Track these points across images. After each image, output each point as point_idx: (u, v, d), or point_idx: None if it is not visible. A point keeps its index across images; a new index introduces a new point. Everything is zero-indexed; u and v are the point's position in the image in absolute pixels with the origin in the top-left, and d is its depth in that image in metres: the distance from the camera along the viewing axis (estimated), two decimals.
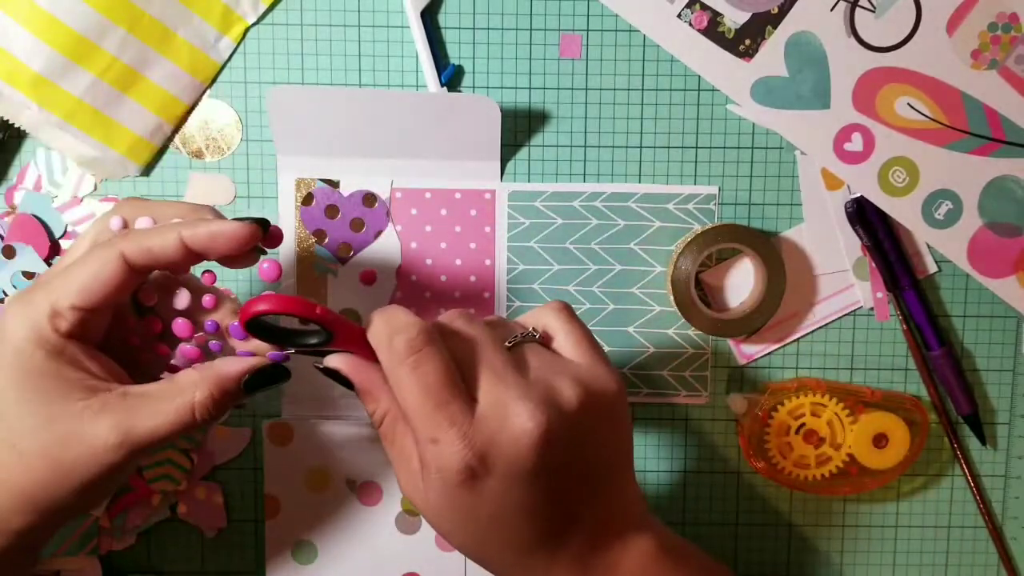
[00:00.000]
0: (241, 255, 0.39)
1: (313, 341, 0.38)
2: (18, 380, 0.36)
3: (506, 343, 0.39)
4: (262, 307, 0.35)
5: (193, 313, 0.40)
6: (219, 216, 0.39)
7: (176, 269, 0.39)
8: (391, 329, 0.37)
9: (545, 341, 0.41)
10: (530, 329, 0.41)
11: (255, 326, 0.37)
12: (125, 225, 0.39)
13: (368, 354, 0.38)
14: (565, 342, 0.41)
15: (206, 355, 0.40)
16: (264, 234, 0.38)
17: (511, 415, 0.36)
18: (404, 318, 0.37)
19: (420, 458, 0.38)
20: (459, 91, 0.50)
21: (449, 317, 0.40)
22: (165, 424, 0.36)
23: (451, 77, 0.49)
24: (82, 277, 0.36)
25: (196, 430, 0.38)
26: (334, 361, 0.39)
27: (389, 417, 0.39)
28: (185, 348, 0.40)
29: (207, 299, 0.40)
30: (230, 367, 0.38)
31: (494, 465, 0.36)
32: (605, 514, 0.39)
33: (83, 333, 0.37)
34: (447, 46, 0.50)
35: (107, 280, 0.36)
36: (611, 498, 0.39)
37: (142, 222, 0.39)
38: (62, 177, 0.49)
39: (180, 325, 0.39)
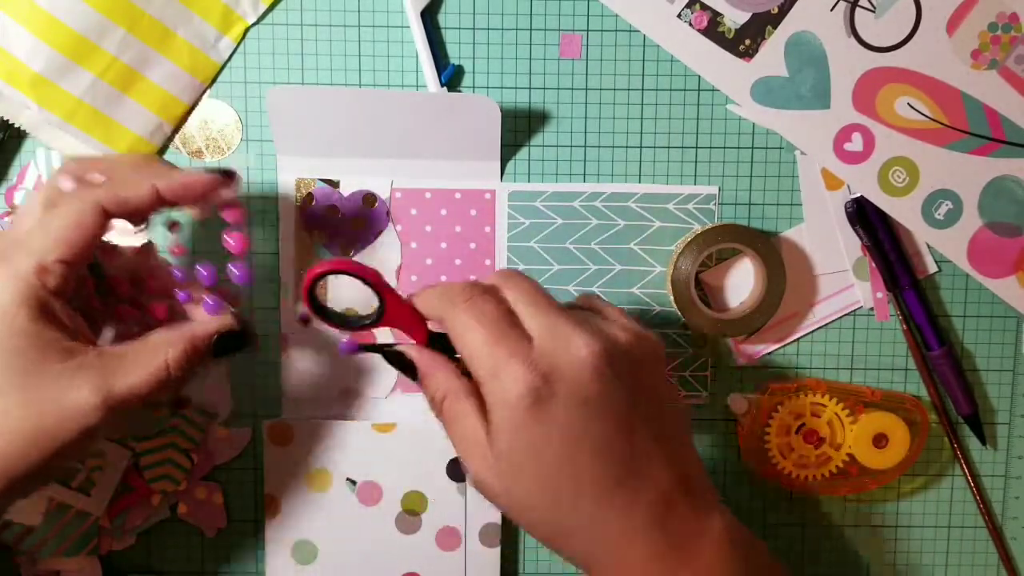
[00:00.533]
0: (207, 201, 0.42)
1: (366, 321, 0.42)
2: None
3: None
4: (322, 269, 0.40)
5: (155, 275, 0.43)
6: (170, 165, 0.44)
7: (143, 216, 0.41)
8: (442, 289, 0.40)
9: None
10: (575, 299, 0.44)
11: (316, 306, 0.42)
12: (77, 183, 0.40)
13: (416, 327, 0.41)
14: (604, 308, 0.43)
15: (172, 314, 0.43)
16: (229, 181, 0.42)
17: (569, 342, 0.38)
18: (452, 283, 0.40)
19: (486, 401, 0.38)
20: (459, 91, 0.50)
21: (501, 274, 0.42)
22: (143, 382, 0.38)
23: (451, 77, 0.49)
24: (63, 230, 0.37)
25: (170, 389, 0.39)
26: (399, 348, 0.42)
27: (450, 397, 0.40)
28: (155, 305, 0.42)
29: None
30: (201, 327, 0.40)
31: (557, 389, 0.37)
32: (695, 470, 0.39)
33: (65, 289, 0.38)
34: (447, 46, 0.50)
35: (88, 230, 0.38)
36: (684, 463, 0.39)
37: (93, 178, 0.41)
38: None
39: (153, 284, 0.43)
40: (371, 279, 0.41)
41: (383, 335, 0.50)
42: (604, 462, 0.37)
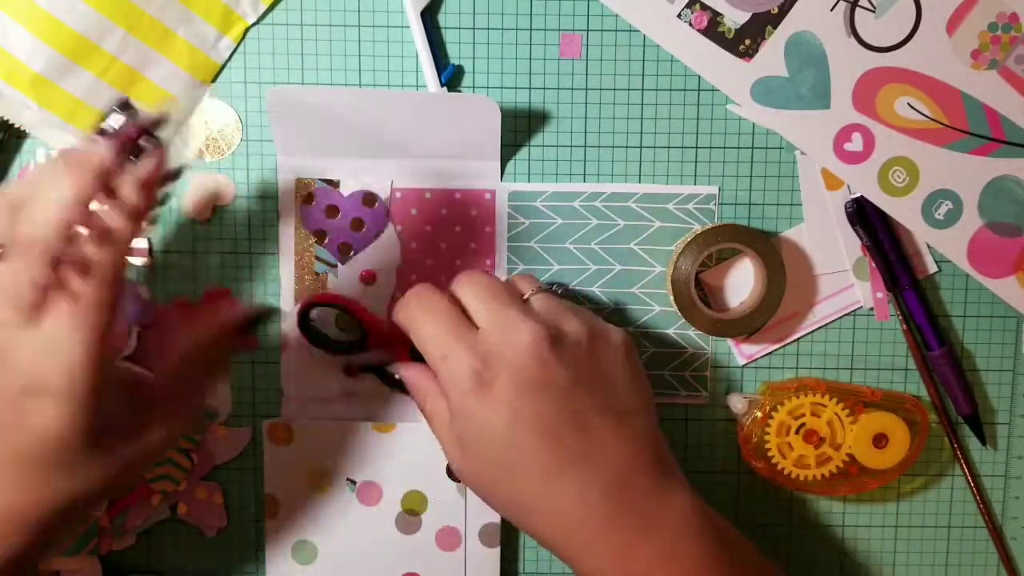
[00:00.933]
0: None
1: (352, 346, 0.49)
2: None
3: (524, 295, 0.44)
4: (301, 305, 0.49)
5: None
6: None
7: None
8: (402, 298, 0.44)
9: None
10: (552, 286, 0.47)
11: (311, 337, 0.49)
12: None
13: (400, 342, 0.45)
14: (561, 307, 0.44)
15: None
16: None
17: (512, 329, 0.40)
18: (415, 287, 0.44)
19: (440, 384, 0.41)
20: (459, 91, 0.50)
21: (463, 275, 0.44)
22: None
23: (451, 77, 0.49)
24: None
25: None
26: (391, 367, 0.47)
27: (429, 397, 0.43)
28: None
29: None
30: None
31: (499, 372, 0.40)
32: (650, 447, 0.41)
33: None
34: (447, 46, 0.50)
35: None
36: (643, 441, 0.41)
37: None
38: None
39: None
40: (349, 308, 0.48)
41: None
42: (551, 443, 0.39)
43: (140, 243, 0.49)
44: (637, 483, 0.39)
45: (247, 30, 0.49)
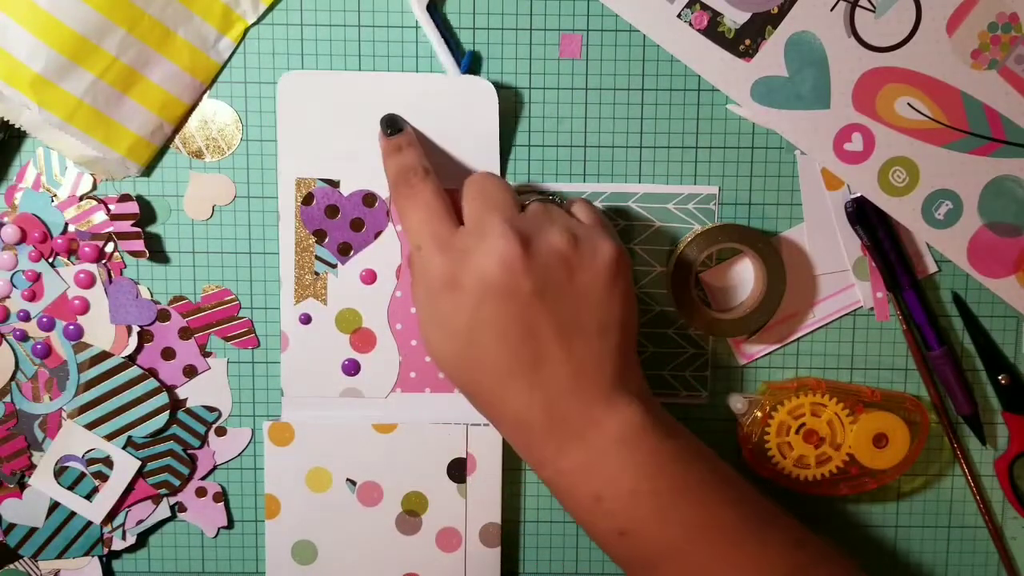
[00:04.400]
0: None
1: None
2: None
3: (525, 202, 0.45)
4: None
5: None
6: None
7: None
8: (396, 184, 0.45)
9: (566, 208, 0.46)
10: (554, 196, 0.47)
11: None
12: None
13: None
14: (579, 210, 0.46)
15: None
16: None
17: (488, 234, 0.41)
18: (406, 177, 0.45)
19: (409, 268, 0.45)
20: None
21: (477, 174, 0.46)
22: None
23: (470, 64, 0.49)
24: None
25: None
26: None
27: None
28: None
29: None
30: None
31: (466, 276, 0.41)
32: (593, 368, 0.42)
33: None
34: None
35: None
36: (602, 355, 0.42)
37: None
38: (61, 176, 0.50)
39: None
40: None
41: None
42: (504, 348, 0.41)
43: (138, 244, 0.49)
44: (579, 396, 0.42)
45: (247, 30, 0.49)
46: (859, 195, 0.51)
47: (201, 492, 0.52)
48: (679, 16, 0.49)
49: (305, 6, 0.49)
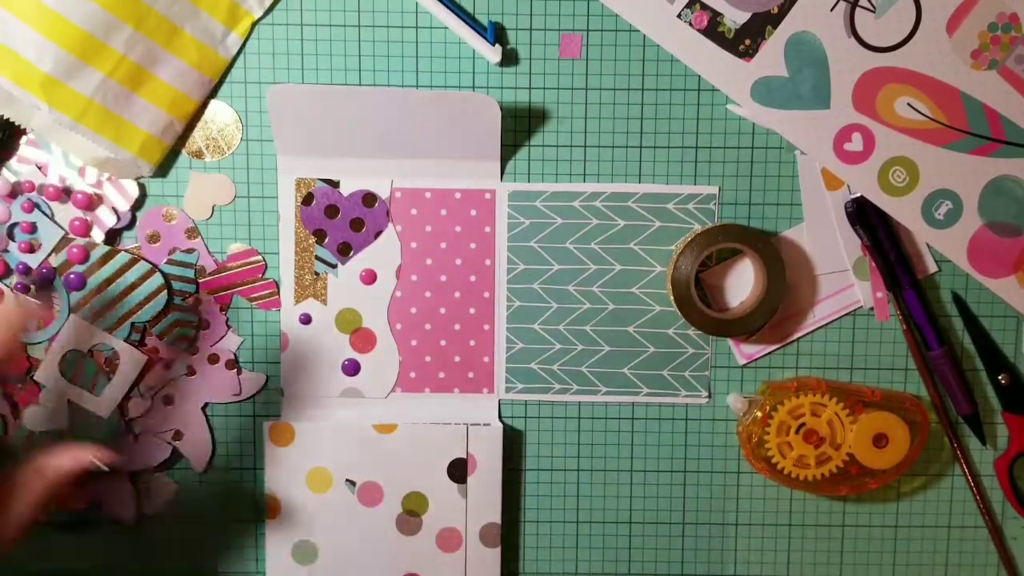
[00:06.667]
0: None
1: None
2: None
3: None
4: None
5: None
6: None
7: None
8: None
9: None
10: None
11: None
12: None
13: None
14: None
15: None
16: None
17: None
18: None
19: None
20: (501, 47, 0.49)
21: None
22: None
23: (496, 35, 0.49)
24: None
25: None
26: None
27: None
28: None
29: None
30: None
31: None
32: None
33: None
34: (447, 46, 0.50)
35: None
36: None
37: None
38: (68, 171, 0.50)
39: None
40: None
41: None
42: None
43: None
44: None
45: (254, 24, 0.49)
46: (859, 195, 0.51)
47: (213, 359, 0.51)
48: (679, 16, 0.49)
49: (305, 6, 0.49)
